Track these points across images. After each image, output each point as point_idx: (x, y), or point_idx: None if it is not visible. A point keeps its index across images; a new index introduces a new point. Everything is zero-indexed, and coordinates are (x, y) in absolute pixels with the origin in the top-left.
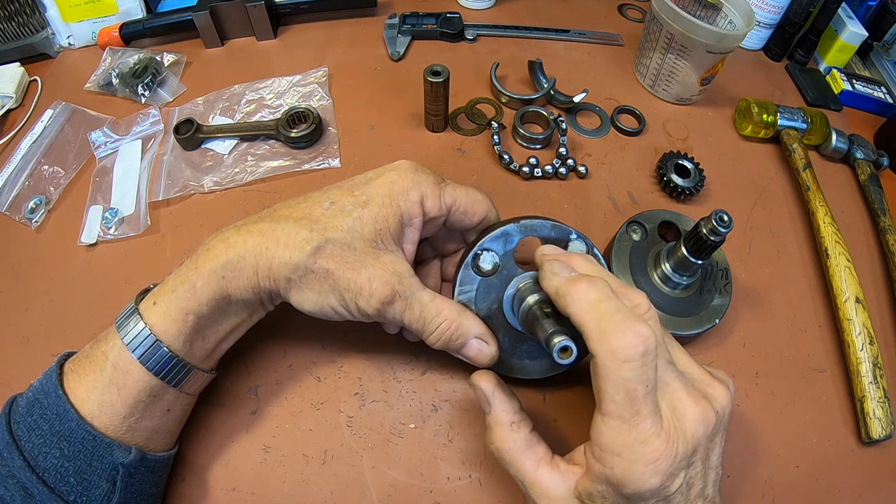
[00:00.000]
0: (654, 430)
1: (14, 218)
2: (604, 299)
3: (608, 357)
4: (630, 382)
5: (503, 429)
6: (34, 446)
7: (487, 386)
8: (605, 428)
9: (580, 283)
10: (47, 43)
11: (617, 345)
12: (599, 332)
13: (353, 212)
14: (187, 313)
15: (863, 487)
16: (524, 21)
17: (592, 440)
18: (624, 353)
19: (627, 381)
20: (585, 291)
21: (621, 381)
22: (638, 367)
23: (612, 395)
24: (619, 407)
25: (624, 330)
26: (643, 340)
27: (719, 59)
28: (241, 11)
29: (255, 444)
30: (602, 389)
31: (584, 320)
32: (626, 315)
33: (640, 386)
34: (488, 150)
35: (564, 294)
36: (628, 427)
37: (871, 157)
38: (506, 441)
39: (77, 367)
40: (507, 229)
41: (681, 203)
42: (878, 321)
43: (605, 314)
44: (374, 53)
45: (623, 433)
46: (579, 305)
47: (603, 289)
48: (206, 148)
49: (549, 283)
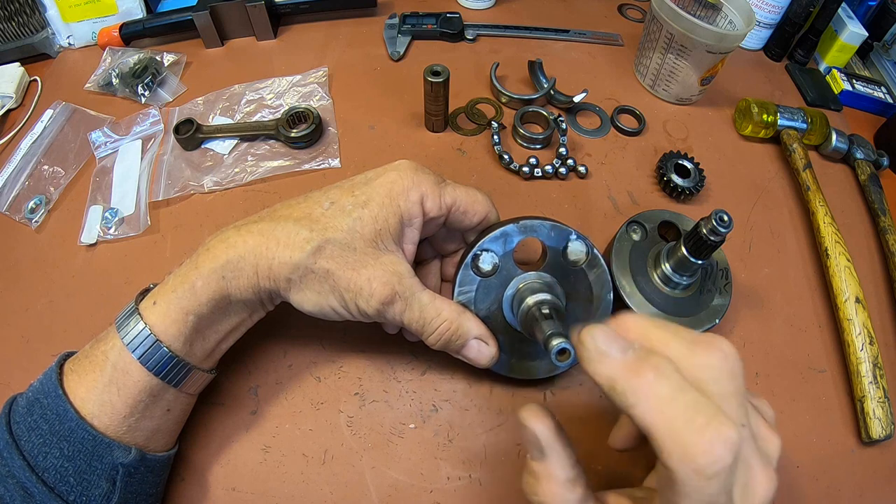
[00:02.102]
0: None
1: (14, 218)
2: (677, 394)
3: (692, 477)
4: (714, 497)
5: (557, 486)
6: (34, 446)
7: (546, 432)
8: None
9: (645, 374)
10: (47, 43)
11: (703, 462)
12: (680, 448)
13: (353, 212)
14: (187, 313)
15: (863, 487)
16: (524, 21)
17: None
18: (711, 470)
19: (711, 497)
20: (653, 387)
21: (705, 498)
22: (724, 480)
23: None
24: None
25: (710, 441)
26: (731, 448)
27: (719, 59)
28: (241, 11)
29: (255, 444)
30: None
31: (655, 427)
32: (709, 416)
33: (723, 496)
34: (488, 150)
35: (624, 391)
36: None
37: (871, 157)
38: (557, 502)
39: (77, 366)
40: (507, 230)
41: (681, 203)
42: (878, 321)
43: (682, 417)
44: (374, 53)
45: None
46: (647, 408)
47: (673, 377)
48: (206, 148)
49: (597, 371)
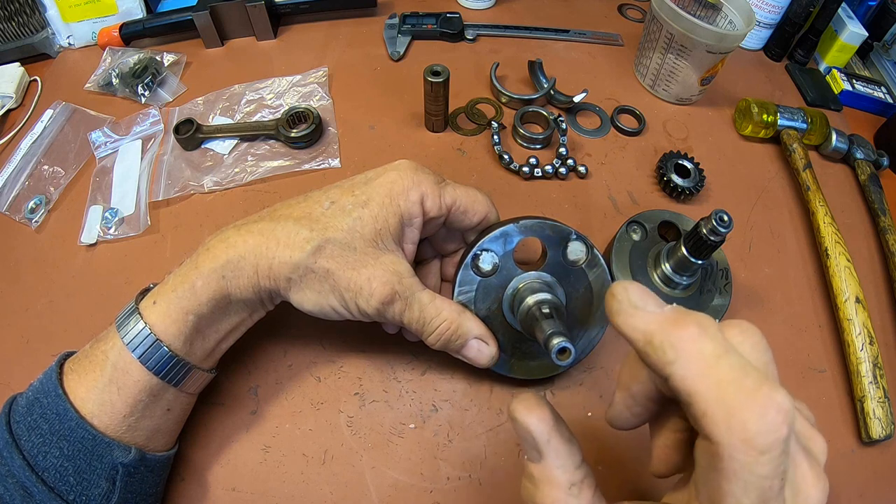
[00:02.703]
0: None
1: (14, 218)
2: (724, 355)
3: (741, 449)
4: (766, 480)
5: (558, 492)
6: (34, 446)
7: (541, 427)
8: None
9: (688, 326)
10: (47, 43)
11: (756, 430)
12: (727, 412)
13: (353, 211)
14: (187, 313)
15: (863, 487)
16: (524, 21)
17: None
18: (763, 442)
19: (763, 479)
20: (697, 342)
21: (755, 480)
22: (778, 458)
23: (738, 498)
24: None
25: (764, 406)
26: (786, 417)
27: (719, 59)
28: (241, 11)
29: (255, 444)
30: (724, 490)
31: (698, 390)
32: (759, 380)
33: (777, 481)
34: (488, 150)
35: (664, 346)
36: None
37: (871, 157)
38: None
39: (77, 366)
40: (507, 230)
41: (681, 203)
42: (878, 321)
43: (729, 378)
44: (374, 53)
45: None
46: (689, 367)
47: (718, 336)
48: (206, 148)
49: (629, 324)
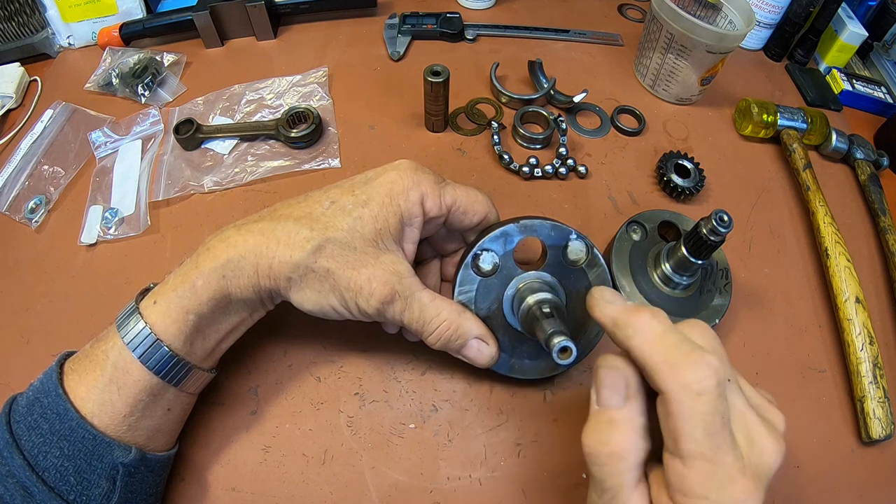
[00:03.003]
0: (737, 466)
1: (14, 218)
2: (669, 331)
3: (682, 392)
4: (707, 416)
5: (635, 434)
6: (34, 445)
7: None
8: (688, 471)
9: (642, 313)
10: (47, 43)
11: (691, 378)
12: (670, 367)
13: (353, 211)
14: (188, 312)
15: (863, 487)
16: (524, 21)
17: (672, 486)
18: (699, 386)
19: (705, 416)
20: (649, 322)
21: (699, 417)
22: (714, 399)
23: (690, 433)
24: (699, 445)
25: (696, 362)
26: (715, 371)
27: (719, 59)
28: (241, 11)
29: (255, 444)
30: (678, 428)
31: (649, 354)
32: (693, 346)
33: (718, 418)
34: (488, 150)
35: (624, 325)
36: (712, 466)
37: (871, 157)
38: (631, 451)
39: (77, 366)
40: (507, 229)
41: (681, 203)
42: (878, 321)
43: (673, 346)
44: (374, 53)
45: (708, 473)
46: (642, 338)
47: (665, 320)
48: (206, 148)
49: (602, 312)
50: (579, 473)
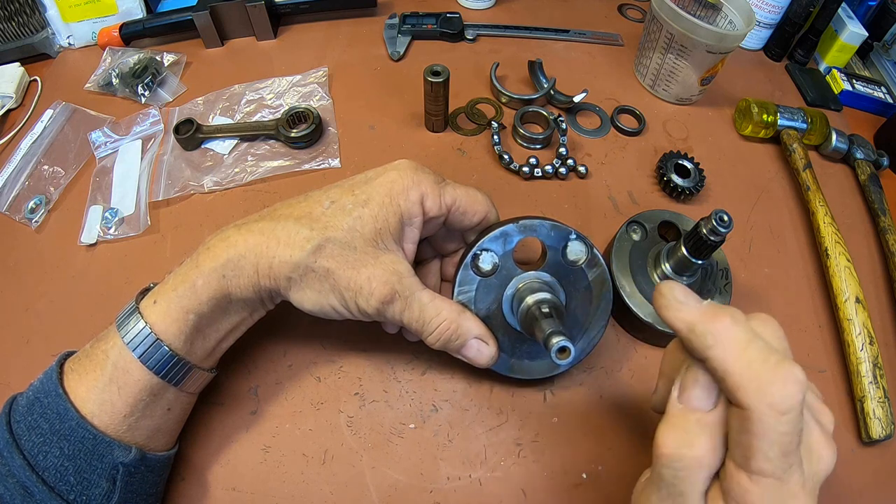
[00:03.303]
0: (799, 483)
1: (14, 218)
2: (752, 340)
3: (766, 412)
4: (786, 436)
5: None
6: (34, 445)
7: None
8: (754, 486)
9: (722, 318)
10: (47, 43)
11: (779, 396)
12: (756, 384)
13: (353, 211)
14: (188, 312)
15: (863, 487)
16: (524, 21)
17: (732, 497)
18: (785, 405)
19: (783, 435)
20: (731, 331)
21: (777, 437)
22: (795, 419)
23: (766, 452)
24: (772, 464)
25: (784, 378)
26: (801, 387)
27: (719, 59)
28: (241, 11)
29: (255, 444)
30: (753, 446)
31: (732, 369)
32: (780, 358)
33: (795, 438)
34: (488, 150)
35: (704, 333)
36: (780, 484)
37: (871, 157)
38: (714, 459)
39: (77, 366)
40: (507, 229)
41: (681, 203)
42: (878, 321)
43: (758, 360)
44: (374, 53)
45: (775, 492)
46: (726, 350)
47: (744, 322)
48: (206, 148)
49: (676, 316)
50: (579, 473)
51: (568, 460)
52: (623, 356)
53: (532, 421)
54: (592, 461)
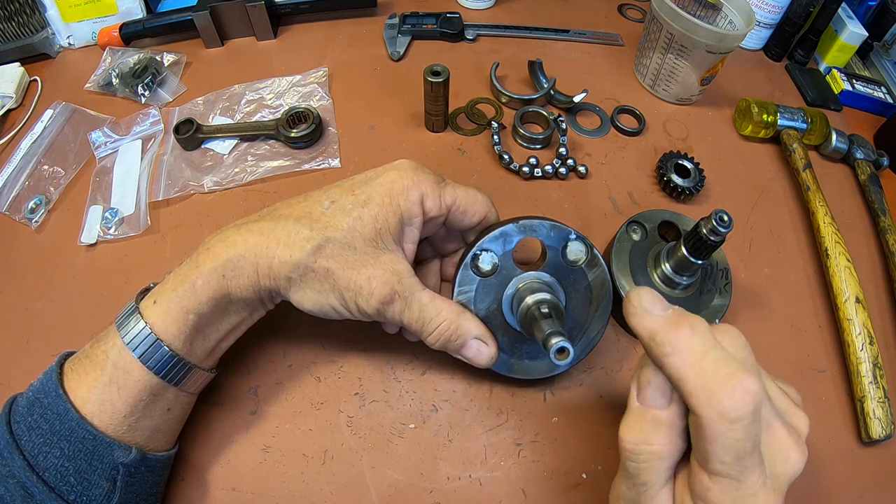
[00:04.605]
0: (760, 481)
1: (14, 218)
2: (709, 350)
3: (716, 420)
4: (739, 442)
5: (676, 435)
6: (34, 446)
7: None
8: (713, 485)
9: (682, 328)
10: (47, 43)
11: (727, 406)
12: (706, 393)
13: (353, 211)
14: (188, 312)
15: (863, 487)
16: (524, 21)
17: (696, 494)
18: (734, 414)
19: (736, 442)
20: (688, 340)
21: (730, 443)
22: (748, 426)
23: (720, 456)
24: (727, 467)
25: (733, 389)
26: (753, 397)
27: (719, 59)
28: (241, 11)
29: (255, 444)
30: (708, 451)
31: (686, 377)
32: (733, 368)
33: (749, 443)
34: (488, 150)
35: (663, 342)
36: (737, 484)
37: (871, 157)
38: (671, 452)
39: (77, 366)
40: (507, 229)
41: (681, 203)
42: (878, 321)
43: (710, 369)
44: (374, 53)
45: (732, 490)
46: (681, 359)
47: (706, 335)
48: (206, 148)
49: (640, 323)
50: (579, 473)
51: (568, 460)
52: (623, 356)
53: (532, 421)
54: (592, 461)
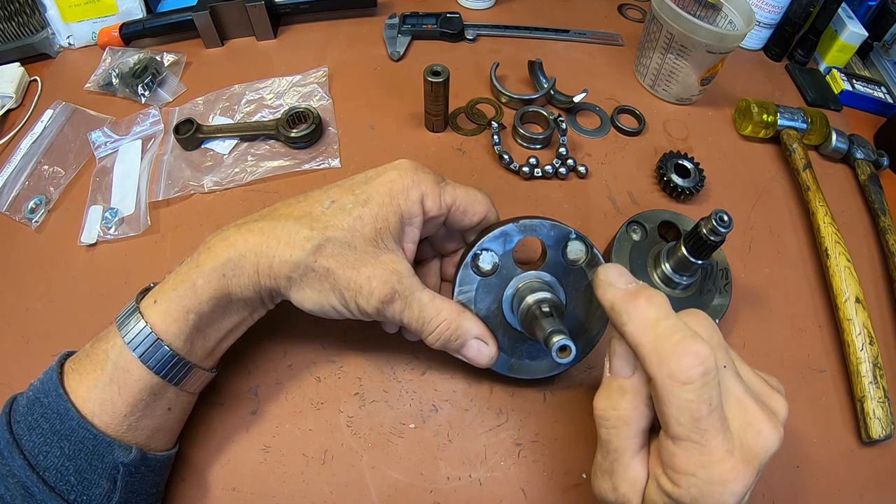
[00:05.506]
0: (726, 448)
1: (14, 218)
2: (662, 318)
3: (667, 381)
4: (692, 403)
5: (641, 402)
6: (35, 445)
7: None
8: (678, 450)
9: (639, 298)
10: (47, 43)
11: (676, 368)
12: (657, 356)
13: (353, 210)
14: (188, 312)
15: (863, 487)
16: (524, 21)
17: (664, 461)
18: (683, 376)
19: (689, 403)
20: (644, 309)
21: (683, 404)
22: (699, 388)
23: (676, 417)
24: (685, 429)
25: (682, 352)
26: (702, 361)
27: (719, 59)
28: (241, 11)
29: (255, 444)
30: (665, 413)
31: (641, 342)
32: (684, 334)
33: (703, 406)
34: (488, 150)
35: (620, 311)
36: (699, 448)
37: (871, 157)
38: (637, 417)
39: (78, 366)
40: (507, 229)
41: (681, 203)
42: (878, 321)
43: (663, 335)
44: (374, 53)
45: (695, 454)
46: (636, 326)
47: (662, 305)
48: (206, 148)
49: (603, 295)
50: (579, 473)
51: (568, 460)
52: None
53: (532, 421)
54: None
